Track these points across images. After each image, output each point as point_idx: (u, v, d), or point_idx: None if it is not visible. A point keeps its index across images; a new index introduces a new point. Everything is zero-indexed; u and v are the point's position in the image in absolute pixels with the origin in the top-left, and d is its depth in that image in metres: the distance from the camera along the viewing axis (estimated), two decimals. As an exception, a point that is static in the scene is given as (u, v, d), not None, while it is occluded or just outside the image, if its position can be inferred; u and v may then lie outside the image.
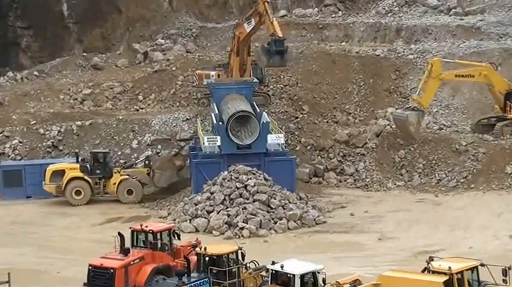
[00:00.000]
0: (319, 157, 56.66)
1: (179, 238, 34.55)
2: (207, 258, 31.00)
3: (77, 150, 56.28)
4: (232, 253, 31.24)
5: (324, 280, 29.17)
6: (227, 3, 75.35)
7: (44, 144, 57.48)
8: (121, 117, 59.38)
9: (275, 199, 46.72)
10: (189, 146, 55.37)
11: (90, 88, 64.86)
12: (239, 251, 31.37)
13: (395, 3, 71.21)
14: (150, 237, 33.58)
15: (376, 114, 60.05)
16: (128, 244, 33.52)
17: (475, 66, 56.25)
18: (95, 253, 35.04)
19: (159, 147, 56.92)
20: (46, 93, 64.77)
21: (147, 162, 54.19)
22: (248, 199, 46.53)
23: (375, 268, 35.31)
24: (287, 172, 49.28)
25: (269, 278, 29.54)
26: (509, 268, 27.60)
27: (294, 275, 28.46)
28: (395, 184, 53.67)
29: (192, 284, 29.77)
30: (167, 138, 57.37)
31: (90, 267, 32.26)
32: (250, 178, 47.32)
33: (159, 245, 33.58)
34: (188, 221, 46.20)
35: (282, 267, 28.93)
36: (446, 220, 45.72)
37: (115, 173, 53.10)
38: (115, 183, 52.84)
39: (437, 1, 70.50)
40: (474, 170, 52.57)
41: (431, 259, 28.11)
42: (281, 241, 43.56)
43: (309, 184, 54.39)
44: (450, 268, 26.92)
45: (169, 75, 64.99)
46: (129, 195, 52.77)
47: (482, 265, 27.94)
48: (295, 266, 29.04)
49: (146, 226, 34.13)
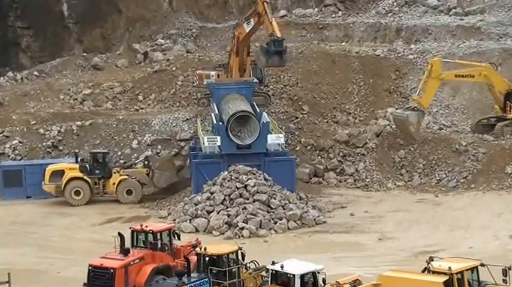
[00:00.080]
0: (319, 157, 56.64)
1: (179, 238, 34.53)
2: (207, 258, 30.99)
3: (77, 150, 56.23)
4: (232, 253, 31.24)
5: (324, 280, 29.18)
6: (227, 3, 75.28)
7: (44, 144, 57.44)
8: (121, 117, 59.34)
9: (275, 199, 46.71)
10: (189, 146, 55.33)
11: (90, 88, 64.81)
12: (239, 251, 31.36)
13: (395, 3, 71.17)
14: (150, 237, 33.57)
15: (376, 114, 60.02)
16: (128, 244, 33.51)
17: (475, 66, 56.21)
18: (95, 253, 35.05)
19: (159, 147, 56.89)
20: (46, 93, 64.72)
21: (147, 162, 54.20)
22: (248, 199, 46.52)
23: (375, 268, 35.28)
24: (287, 172, 49.27)
25: (269, 278, 29.54)
26: (509, 268, 27.59)
27: (294, 275, 28.46)
28: (395, 184, 53.65)
29: (192, 284, 29.77)
30: (167, 138, 57.33)
31: (90, 267, 32.26)
32: (250, 178, 47.31)
33: (159, 245, 33.55)
34: (188, 221, 46.19)
35: (282, 267, 28.92)
36: (446, 220, 45.72)
37: (114, 173, 53.07)
38: (114, 183, 52.82)
39: (437, 1, 70.47)
40: (474, 170, 52.56)
41: (431, 259, 28.10)
42: (281, 241, 43.54)
43: (309, 184, 54.37)
44: (450, 268, 26.93)
45: (169, 75, 64.94)
46: (129, 195, 52.75)
47: (482, 265, 27.94)
48: (295, 266, 29.03)
49: (146, 226, 34.13)
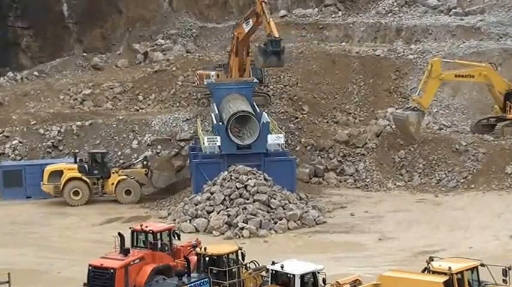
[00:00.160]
0: (319, 157, 56.64)
1: (179, 238, 34.51)
2: (207, 258, 30.98)
3: (77, 150, 56.22)
4: (232, 253, 31.23)
5: (324, 280, 29.17)
6: (227, 3, 75.24)
7: (44, 144, 57.44)
8: (121, 117, 59.33)
9: (275, 199, 46.71)
10: (189, 146, 55.33)
11: (90, 88, 64.78)
12: (239, 251, 31.36)
13: (395, 3, 71.16)
14: (150, 237, 33.55)
15: (376, 114, 60.02)
16: (128, 244, 33.51)
17: (475, 66, 56.22)
18: (95, 253, 35.04)
19: (159, 147, 56.89)
20: (46, 93, 64.70)
21: (145, 162, 54.18)
22: (248, 199, 46.52)
23: (375, 268, 35.30)
24: (287, 172, 49.27)
25: (269, 278, 29.53)
26: (509, 268, 27.60)
27: (294, 275, 28.45)
28: (395, 184, 53.66)
29: (192, 284, 29.76)
30: (167, 138, 57.33)
31: (90, 267, 32.26)
32: (250, 178, 47.31)
33: (159, 245, 33.55)
34: (188, 221, 46.20)
35: (282, 267, 28.92)
36: (446, 220, 45.72)
37: (113, 173, 53.04)
38: (113, 183, 52.78)
39: (437, 1, 70.46)
40: (474, 170, 52.57)
41: (431, 259, 28.11)
42: (281, 241, 43.54)
43: (309, 184, 54.38)
44: (450, 268, 26.93)
45: (169, 75, 64.92)
46: (128, 195, 52.72)
47: (482, 265, 27.94)
48: (295, 266, 29.03)
49: (146, 226, 34.12)
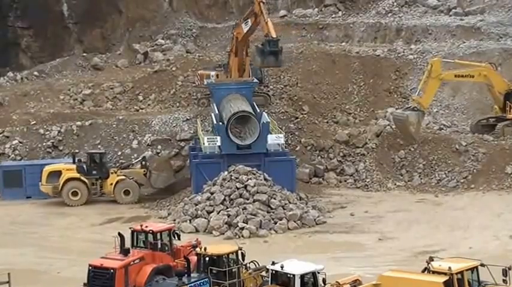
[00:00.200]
0: (319, 157, 56.64)
1: (179, 238, 34.51)
2: (207, 258, 31.00)
3: (77, 150, 56.21)
4: (232, 253, 31.24)
5: (324, 280, 29.17)
6: (227, 3, 75.25)
7: (44, 144, 57.44)
8: (121, 117, 59.33)
9: (275, 199, 46.71)
10: (189, 146, 55.33)
11: (90, 88, 64.78)
12: (239, 251, 31.36)
13: (395, 3, 71.16)
14: (150, 237, 33.54)
15: (376, 114, 60.02)
16: (128, 244, 33.50)
17: (475, 66, 56.22)
18: (95, 253, 35.04)
19: (159, 147, 56.89)
20: (46, 93, 64.70)
21: (144, 163, 54.14)
22: (248, 199, 46.52)
23: (375, 268, 35.30)
24: (287, 172, 49.27)
25: (269, 278, 29.54)
26: (509, 268, 27.61)
27: (294, 275, 28.46)
28: (395, 184, 53.66)
29: (192, 284, 29.76)
30: (167, 138, 57.33)
31: (90, 267, 32.24)
32: (250, 178, 47.32)
33: (159, 245, 33.54)
34: (188, 221, 46.19)
35: (282, 267, 28.92)
36: (446, 220, 45.72)
37: (112, 173, 53.00)
38: (112, 183, 52.75)
39: (437, 1, 70.46)
40: (474, 170, 52.57)
41: (431, 259, 28.11)
42: (281, 241, 43.55)
43: (309, 184, 54.38)
44: (450, 268, 26.93)
45: (169, 75, 64.93)
46: (126, 195, 52.69)
47: (482, 265, 27.95)
48: (295, 266, 29.04)
49: (146, 226, 34.11)
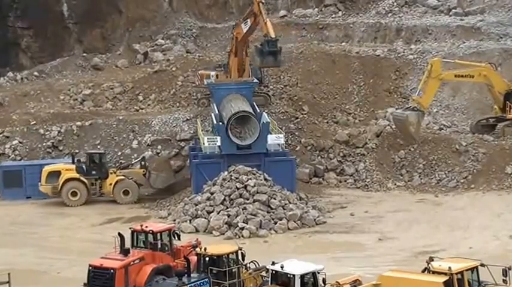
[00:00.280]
0: (319, 157, 56.63)
1: (179, 238, 34.49)
2: (207, 258, 31.00)
3: (77, 150, 56.23)
4: (232, 253, 31.25)
5: (324, 280, 29.18)
6: (227, 3, 75.23)
7: (44, 144, 57.44)
8: (121, 117, 59.33)
9: (275, 199, 46.71)
10: (189, 146, 55.32)
11: (90, 88, 64.79)
12: (239, 251, 31.37)
13: (395, 3, 71.16)
14: (150, 237, 33.55)
15: (376, 114, 60.04)
16: (128, 244, 33.51)
17: (475, 66, 56.21)
18: (95, 254, 35.03)
19: (159, 147, 56.89)
20: (46, 93, 64.71)
21: (143, 163, 54.12)
22: (248, 199, 46.52)
23: (375, 268, 35.30)
24: (287, 172, 49.28)
25: (269, 278, 29.55)
26: (509, 268, 27.61)
27: (294, 275, 28.47)
28: (395, 184, 53.66)
29: (192, 284, 29.78)
30: (167, 138, 57.33)
31: (90, 267, 32.25)
32: (250, 178, 47.32)
33: (159, 245, 33.55)
34: (188, 221, 46.20)
35: (282, 267, 28.93)
36: (446, 220, 45.73)
37: (111, 173, 52.99)
38: (111, 184, 52.73)
39: (437, 1, 70.46)
40: (474, 170, 52.57)
41: (431, 259, 28.12)
42: (281, 241, 43.55)
43: (309, 184, 54.38)
44: (450, 268, 26.94)
45: (169, 75, 64.94)
46: (126, 196, 52.67)
47: (482, 265, 27.95)
48: (295, 266, 29.05)
49: (146, 227, 34.11)
